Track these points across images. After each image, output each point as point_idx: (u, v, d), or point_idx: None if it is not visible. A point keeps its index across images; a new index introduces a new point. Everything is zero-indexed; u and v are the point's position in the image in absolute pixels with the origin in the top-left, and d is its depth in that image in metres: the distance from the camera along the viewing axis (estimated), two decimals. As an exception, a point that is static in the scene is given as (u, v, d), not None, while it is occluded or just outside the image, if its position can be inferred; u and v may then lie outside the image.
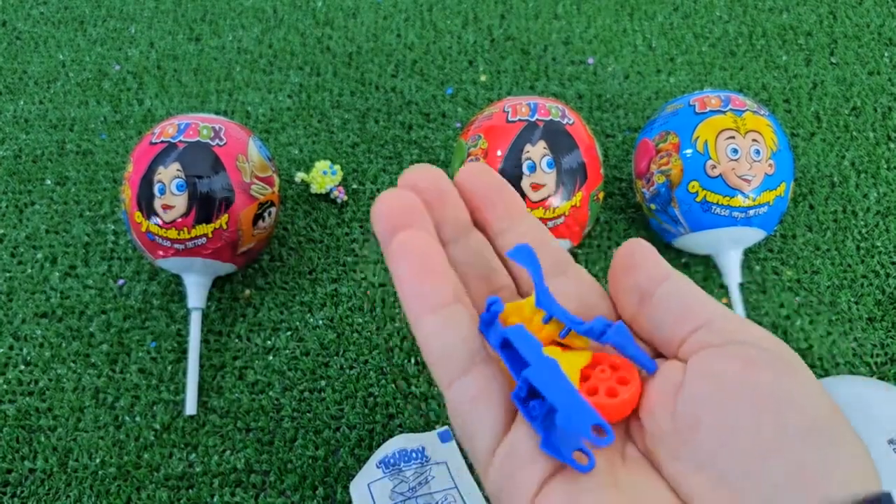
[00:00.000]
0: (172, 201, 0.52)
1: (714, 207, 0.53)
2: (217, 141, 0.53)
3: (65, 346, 0.57)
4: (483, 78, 0.73)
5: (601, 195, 0.56)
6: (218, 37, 0.77)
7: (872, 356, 0.56)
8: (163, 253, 0.53)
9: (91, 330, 0.58)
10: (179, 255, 0.53)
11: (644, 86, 0.72)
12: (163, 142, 0.53)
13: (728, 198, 0.52)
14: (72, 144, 0.69)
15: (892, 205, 0.63)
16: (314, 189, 0.63)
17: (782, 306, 0.58)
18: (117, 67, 0.75)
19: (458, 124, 0.69)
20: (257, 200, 0.54)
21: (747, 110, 0.54)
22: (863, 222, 0.62)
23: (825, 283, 0.59)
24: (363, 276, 0.60)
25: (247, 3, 0.80)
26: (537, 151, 0.52)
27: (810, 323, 0.57)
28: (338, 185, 0.64)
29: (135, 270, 0.61)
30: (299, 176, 0.64)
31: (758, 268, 0.60)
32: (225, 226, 0.53)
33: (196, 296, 0.55)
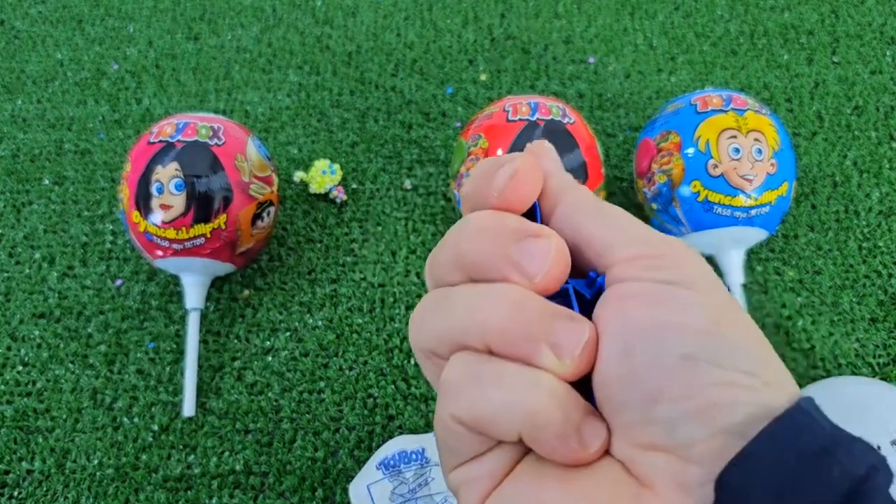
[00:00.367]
0: (171, 201, 0.51)
1: (716, 207, 0.52)
2: (215, 140, 0.53)
3: (63, 347, 0.57)
4: (483, 77, 0.72)
5: (603, 195, 0.56)
6: (217, 36, 0.77)
7: (875, 357, 0.55)
8: (161, 253, 0.53)
9: (89, 330, 0.58)
10: (178, 255, 0.53)
11: (645, 85, 0.71)
12: (161, 141, 0.53)
13: (730, 197, 0.52)
14: (70, 144, 0.69)
15: (894, 204, 0.63)
16: (313, 189, 0.63)
17: (784, 307, 0.58)
18: (116, 66, 0.75)
19: (459, 123, 0.69)
20: (256, 200, 0.54)
21: (749, 109, 0.54)
22: (865, 222, 0.62)
23: (827, 283, 0.59)
24: (363, 276, 0.60)
25: (246, 2, 0.80)
26: (538, 151, 0.52)
27: (812, 323, 0.57)
28: (337, 185, 0.64)
29: (133, 271, 0.61)
30: (298, 175, 0.64)
31: (759, 268, 0.60)
32: (223, 226, 0.52)
33: (194, 296, 0.55)
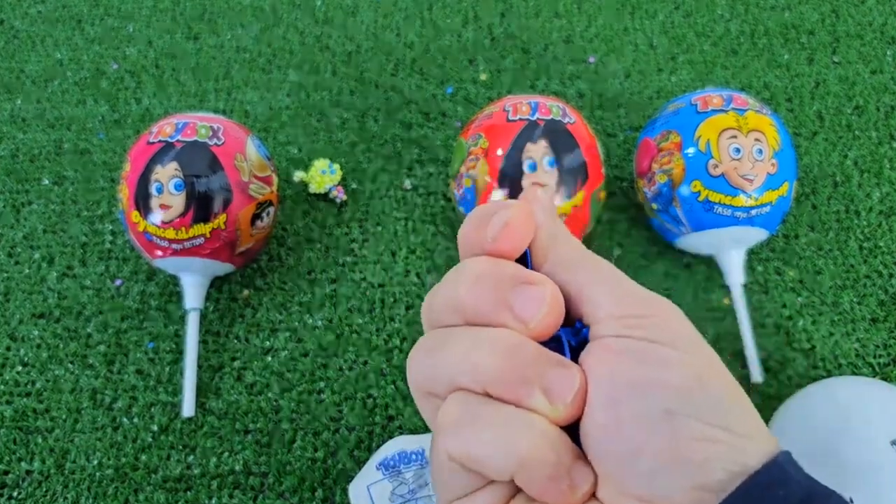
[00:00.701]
0: (170, 201, 0.51)
1: (716, 207, 0.52)
2: (215, 140, 0.53)
3: (62, 347, 0.57)
4: (483, 77, 0.72)
5: (603, 194, 0.56)
6: (216, 35, 0.77)
7: (875, 357, 0.55)
8: (160, 253, 0.53)
9: (88, 331, 0.57)
10: (177, 255, 0.53)
11: (645, 85, 0.71)
12: (160, 141, 0.52)
13: (730, 197, 0.52)
14: (69, 144, 0.68)
15: (895, 204, 0.63)
16: (313, 188, 0.63)
17: (785, 307, 0.58)
18: (115, 66, 0.75)
19: (459, 123, 0.69)
20: (256, 200, 0.54)
21: (749, 109, 0.54)
22: (865, 222, 0.62)
23: (828, 283, 0.59)
24: (362, 276, 0.60)
25: (245, 2, 0.80)
26: (538, 150, 0.52)
27: (813, 323, 0.57)
28: (337, 185, 0.64)
29: (132, 271, 0.60)
30: (298, 175, 0.63)
31: (760, 268, 0.60)
32: (223, 225, 0.52)
33: (194, 296, 0.54)
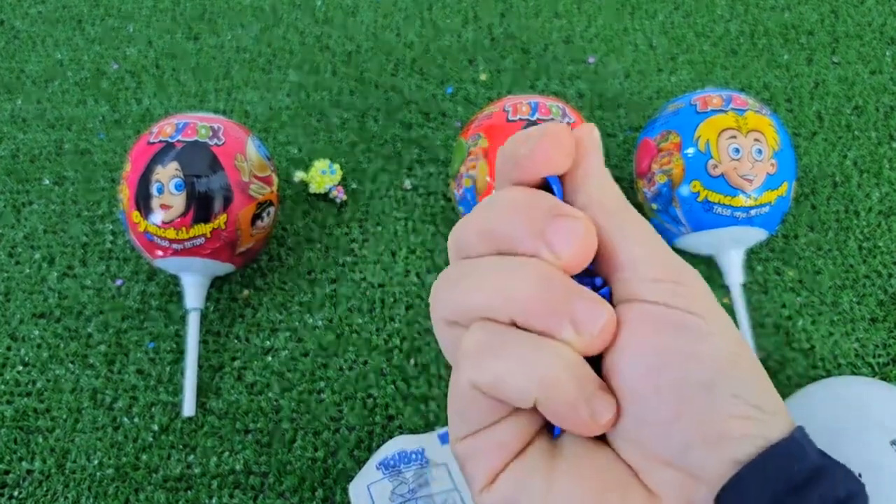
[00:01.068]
0: (170, 201, 0.51)
1: (716, 207, 0.52)
2: (215, 140, 0.53)
3: (63, 347, 0.57)
4: (483, 77, 0.72)
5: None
6: (216, 35, 0.77)
7: (874, 357, 0.55)
8: (161, 253, 0.53)
9: (89, 330, 0.58)
10: (178, 255, 0.53)
11: (645, 85, 0.71)
12: (161, 141, 0.53)
13: (730, 197, 0.52)
14: (70, 144, 0.68)
15: (894, 204, 0.63)
16: (313, 188, 0.63)
17: (784, 307, 0.58)
18: (115, 66, 0.75)
19: (458, 123, 0.69)
20: (256, 200, 0.54)
21: (749, 109, 0.54)
22: (865, 222, 0.62)
23: (827, 283, 0.59)
24: (362, 276, 0.60)
25: (245, 2, 0.80)
26: (538, 151, 0.52)
27: (812, 323, 0.57)
28: (337, 185, 0.64)
29: (133, 270, 0.60)
30: (298, 175, 0.63)
31: (759, 268, 0.60)
32: (223, 226, 0.52)
33: (194, 296, 0.55)
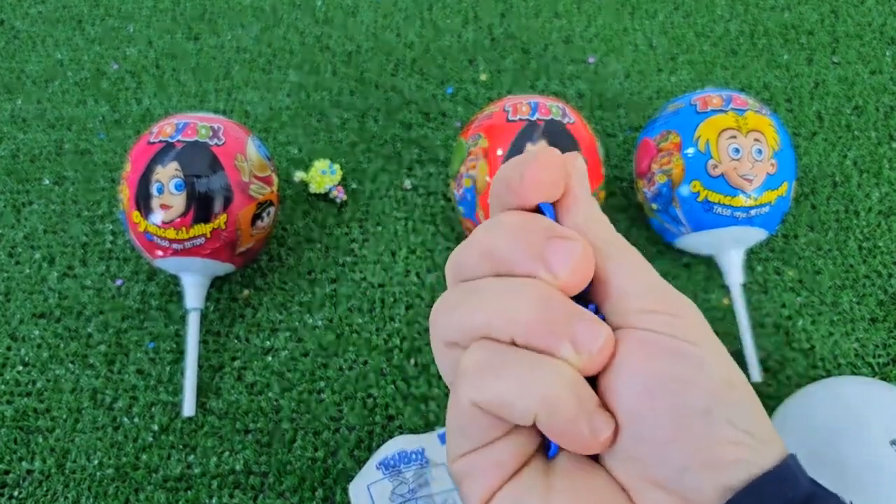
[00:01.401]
0: (171, 201, 0.51)
1: (716, 207, 0.52)
2: (215, 140, 0.53)
3: (63, 347, 0.57)
4: (483, 77, 0.72)
5: (602, 195, 0.56)
6: (216, 35, 0.77)
7: (874, 357, 0.55)
8: (161, 253, 0.53)
9: (89, 330, 0.58)
10: (178, 255, 0.53)
11: (645, 85, 0.71)
12: (161, 141, 0.53)
13: (730, 197, 0.52)
14: (70, 144, 0.68)
15: (894, 204, 0.63)
16: (313, 189, 0.63)
17: (784, 306, 0.58)
18: (115, 66, 0.75)
19: (458, 123, 0.69)
20: (256, 200, 0.54)
21: (749, 109, 0.54)
22: (865, 222, 0.62)
23: (827, 283, 0.59)
24: (362, 276, 0.60)
25: (245, 2, 0.80)
26: (538, 151, 0.52)
27: (812, 323, 0.57)
28: (337, 185, 0.64)
29: (133, 271, 0.60)
30: (298, 175, 0.63)
31: (759, 268, 0.60)
32: (223, 226, 0.52)
33: (194, 296, 0.55)
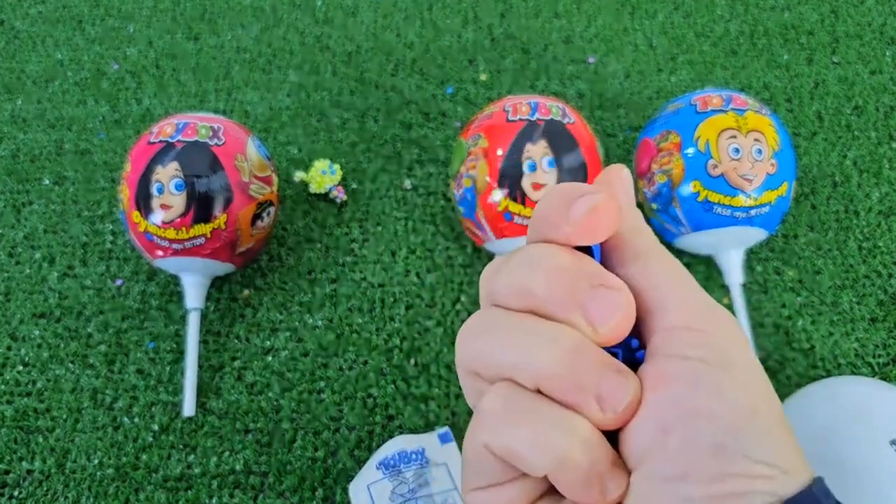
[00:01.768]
0: (171, 201, 0.51)
1: (716, 207, 0.52)
2: (215, 140, 0.53)
3: (63, 347, 0.57)
4: (483, 77, 0.72)
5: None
6: (216, 36, 0.77)
7: (874, 357, 0.55)
8: (161, 253, 0.53)
9: (89, 330, 0.58)
10: (178, 255, 0.53)
11: (645, 85, 0.71)
12: (161, 141, 0.53)
13: (730, 197, 0.52)
14: (70, 144, 0.69)
15: (894, 204, 0.63)
16: (313, 189, 0.63)
17: (784, 306, 0.58)
18: (116, 66, 0.75)
19: (458, 123, 0.69)
20: (256, 200, 0.54)
21: (749, 109, 0.54)
22: (865, 222, 0.62)
23: (827, 283, 0.59)
24: (363, 276, 0.60)
25: (245, 2, 0.80)
26: (538, 150, 0.52)
27: (812, 323, 0.57)
28: (337, 185, 0.64)
29: (133, 270, 0.61)
30: (298, 175, 0.64)
31: (759, 268, 0.60)
32: (223, 226, 0.52)
33: (194, 296, 0.55)
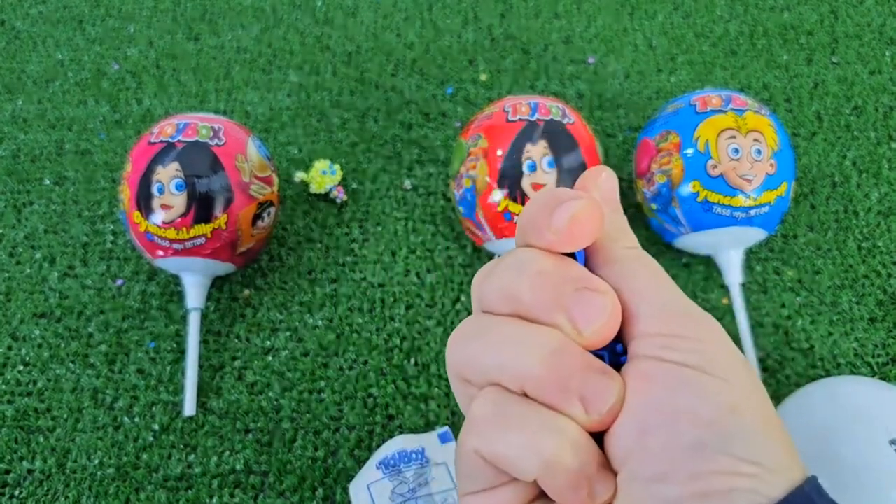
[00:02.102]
0: (171, 201, 0.51)
1: (715, 207, 0.53)
2: (216, 140, 0.53)
3: (63, 347, 0.57)
4: (483, 77, 0.72)
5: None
6: (217, 36, 0.77)
7: (874, 356, 0.55)
8: (162, 253, 0.53)
9: (90, 330, 0.58)
10: (178, 255, 0.53)
11: (645, 85, 0.71)
12: (161, 141, 0.53)
13: (729, 197, 0.52)
14: (70, 144, 0.69)
15: (893, 204, 0.63)
16: (313, 189, 0.63)
17: (783, 306, 0.58)
18: (116, 67, 0.75)
19: (458, 123, 0.69)
20: (256, 200, 0.54)
21: (748, 110, 0.54)
22: (864, 222, 0.62)
23: (826, 283, 0.59)
24: (363, 276, 0.60)
25: (246, 2, 0.80)
26: (538, 151, 0.52)
27: (811, 323, 0.57)
28: (337, 185, 0.64)
29: (133, 270, 0.61)
30: (298, 175, 0.64)
31: (759, 268, 0.60)
32: (224, 226, 0.52)
33: (195, 296, 0.55)
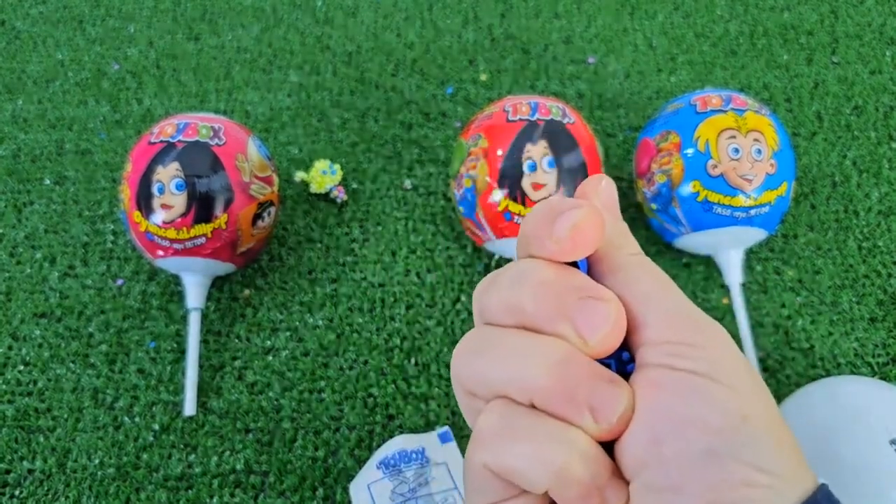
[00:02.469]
0: (171, 201, 0.51)
1: (715, 207, 0.53)
2: (216, 140, 0.53)
3: (63, 347, 0.57)
4: (483, 77, 0.72)
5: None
6: (217, 36, 0.77)
7: (874, 356, 0.55)
8: (162, 253, 0.53)
9: (90, 330, 0.58)
10: (178, 254, 0.53)
11: (645, 85, 0.71)
12: (162, 141, 0.53)
13: (729, 197, 0.52)
14: (70, 144, 0.69)
15: (893, 204, 0.63)
16: (314, 189, 0.63)
17: (784, 306, 0.58)
18: (116, 67, 0.75)
19: (458, 123, 0.69)
20: (256, 200, 0.54)
21: (748, 109, 0.54)
22: (864, 222, 0.62)
23: (827, 283, 0.59)
24: (363, 276, 0.60)
25: (246, 2, 0.80)
26: (538, 151, 0.52)
27: (812, 323, 0.57)
28: (337, 185, 0.64)
29: (134, 270, 0.61)
30: (299, 175, 0.64)
31: (759, 268, 0.60)
32: (224, 225, 0.52)
33: (195, 296, 0.55)
